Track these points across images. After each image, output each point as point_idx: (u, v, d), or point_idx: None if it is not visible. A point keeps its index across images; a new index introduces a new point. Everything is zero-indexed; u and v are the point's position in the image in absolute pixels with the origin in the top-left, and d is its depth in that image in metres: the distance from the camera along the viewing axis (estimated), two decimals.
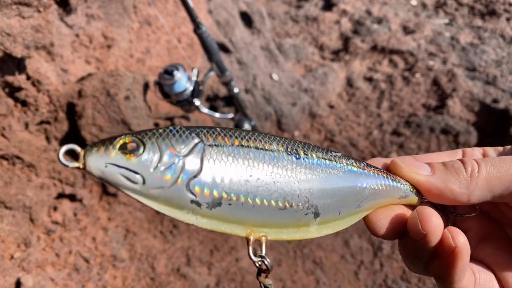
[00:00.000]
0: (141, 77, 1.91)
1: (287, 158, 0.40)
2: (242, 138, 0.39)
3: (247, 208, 0.37)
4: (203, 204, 0.36)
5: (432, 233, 0.40)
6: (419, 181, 0.45)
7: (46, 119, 1.76)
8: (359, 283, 1.89)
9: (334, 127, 2.75)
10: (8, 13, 1.41)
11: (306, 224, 0.41)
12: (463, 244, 0.39)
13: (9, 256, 1.53)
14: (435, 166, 0.45)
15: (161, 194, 0.35)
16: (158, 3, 2.33)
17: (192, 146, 0.37)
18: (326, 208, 0.41)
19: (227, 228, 0.37)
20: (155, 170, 0.35)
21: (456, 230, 0.40)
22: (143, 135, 0.36)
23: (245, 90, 2.65)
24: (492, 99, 2.61)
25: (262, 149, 0.39)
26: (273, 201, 0.38)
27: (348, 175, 0.43)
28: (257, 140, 0.40)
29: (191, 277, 1.76)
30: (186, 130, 0.38)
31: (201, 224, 0.36)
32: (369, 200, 0.44)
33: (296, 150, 0.41)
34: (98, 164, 0.34)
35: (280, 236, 0.40)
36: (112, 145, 0.35)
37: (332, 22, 3.68)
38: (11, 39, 1.44)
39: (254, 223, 0.38)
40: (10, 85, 1.63)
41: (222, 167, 0.37)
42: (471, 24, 3.48)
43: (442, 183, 0.43)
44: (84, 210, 1.79)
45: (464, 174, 0.42)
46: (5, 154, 1.62)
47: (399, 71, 3.10)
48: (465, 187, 0.42)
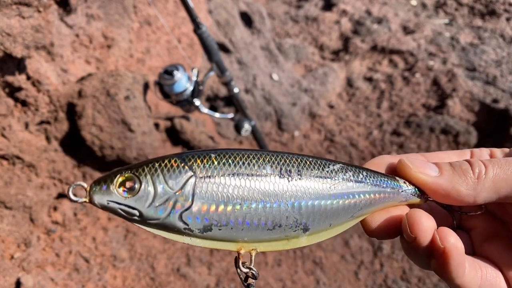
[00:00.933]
0: (141, 77, 1.91)
1: (279, 181, 0.42)
2: (235, 165, 0.41)
3: (236, 231, 0.41)
4: (195, 230, 0.40)
5: (422, 236, 0.41)
6: (427, 182, 0.45)
7: (46, 119, 1.76)
8: (359, 283, 1.89)
9: (334, 127, 2.75)
10: (8, 13, 1.41)
11: (295, 237, 0.43)
12: (453, 244, 0.40)
13: (9, 256, 1.53)
14: (443, 167, 0.45)
15: (156, 224, 0.40)
16: (158, 3, 2.33)
17: (185, 180, 0.40)
18: (315, 224, 0.43)
19: (219, 245, 0.41)
20: (150, 207, 0.40)
21: (445, 231, 0.41)
22: (140, 172, 0.40)
23: (245, 90, 2.65)
24: (492, 99, 2.61)
25: (255, 175, 0.41)
26: (262, 223, 0.41)
27: (342, 191, 0.44)
28: (250, 165, 0.42)
29: (191, 277, 1.76)
30: (181, 162, 0.41)
31: (195, 243, 0.41)
32: (364, 209, 0.45)
33: (290, 171, 0.43)
34: (101, 201, 0.39)
35: (269, 248, 0.43)
36: (112, 184, 0.40)
37: (332, 22, 3.68)
38: (11, 39, 1.44)
39: (244, 241, 0.42)
40: (10, 85, 1.63)
41: (212, 199, 0.40)
42: (471, 24, 3.48)
43: (449, 184, 0.43)
44: (84, 210, 1.79)
45: (471, 176, 0.43)
46: (5, 154, 1.62)
47: (399, 71, 3.10)
48: (472, 189, 0.42)
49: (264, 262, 1.93)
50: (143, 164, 0.41)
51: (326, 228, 0.44)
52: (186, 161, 0.41)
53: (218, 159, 0.41)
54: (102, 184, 0.40)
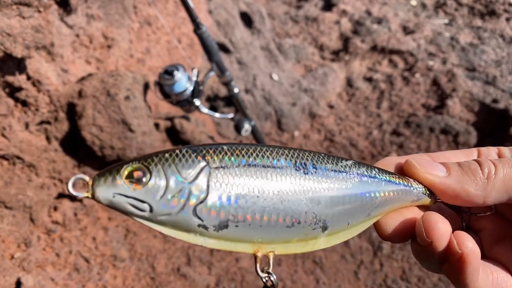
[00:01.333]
0: (141, 77, 1.91)
1: (295, 174, 0.39)
2: (249, 156, 0.39)
3: (254, 228, 0.37)
4: (210, 227, 0.36)
5: (438, 240, 0.39)
6: (434, 182, 0.44)
7: (47, 119, 1.76)
8: (359, 282, 1.90)
9: (334, 127, 2.75)
10: (8, 13, 1.41)
11: (314, 238, 0.41)
12: (471, 249, 0.39)
13: (10, 256, 1.53)
14: (451, 167, 0.44)
15: (168, 220, 0.36)
16: (158, 4, 2.33)
17: (199, 170, 0.37)
18: (334, 221, 0.41)
19: (234, 247, 0.38)
20: (162, 198, 0.35)
21: (463, 236, 0.39)
22: (149, 162, 0.37)
23: (245, 90, 2.65)
24: (492, 99, 2.61)
25: (270, 167, 0.39)
26: (280, 219, 0.38)
27: (358, 186, 0.43)
28: (265, 157, 0.39)
29: (191, 277, 1.76)
30: (193, 152, 0.38)
31: (209, 244, 0.37)
32: (380, 208, 0.44)
33: (305, 164, 0.41)
34: (106, 195, 0.35)
35: (288, 250, 0.40)
36: (118, 174, 0.35)
37: (332, 22, 3.68)
38: (11, 39, 1.44)
39: (261, 241, 0.39)
40: (11, 85, 1.63)
41: (228, 190, 0.37)
42: (471, 24, 3.49)
43: (458, 184, 0.42)
44: (84, 210, 1.79)
45: (480, 176, 0.42)
46: (5, 154, 1.62)
47: (399, 71, 3.10)
48: (482, 189, 0.42)
49: (264, 262, 1.93)
50: (151, 155, 0.37)
51: (344, 228, 0.42)
52: (198, 151, 0.38)
53: (231, 151, 0.39)
54: (106, 176, 0.35)
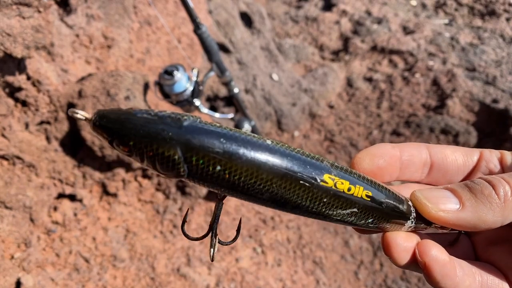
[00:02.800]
0: (141, 77, 1.91)
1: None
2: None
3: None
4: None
5: (397, 257, 0.41)
6: (449, 220, 0.40)
7: (46, 119, 1.76)
8: (359, 283, 1.90)
9: (334, 127, 2.75)
10: (8, 13, 1.41)
11: None
12: (433, 257, 0.39)
13: (9, 256, 1.53)
14: (463, 197, 0.40)
15: None
16: (158, 4, 2.33)
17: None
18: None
19: None
20: None
21: (425, 245, 0.40)
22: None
23: (245, 90, 2.65)
24: (492, 99, 2.61)
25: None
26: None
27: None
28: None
29: (191, 277, 1.76)
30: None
31: None
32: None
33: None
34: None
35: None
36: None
37: (332, 23, 3.68)
38: (11, 39, 1.44)
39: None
40: (10, 85, 1.63)
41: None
42: (471, 24, 3.49)
43: (475, 216, 0.39)
44: (84, 210, 1.79)
45: (496, 201, 0.39)
46: (5, 154, 1.62)
47: (399, 71, 3.10)
48: (500, 215, 0.39)
49: (264, 262, 1.93)
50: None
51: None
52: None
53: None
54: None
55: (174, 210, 1.97)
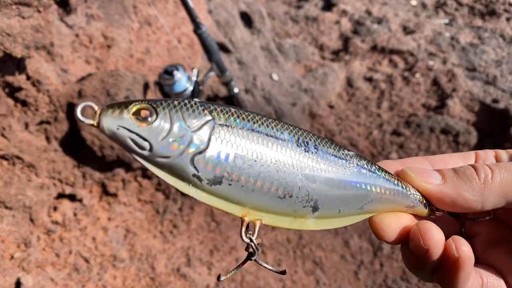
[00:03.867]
0: (141, 77, 1.91)
1: (296, 149, 0.40)
2: (254, 122, 0.39)
3: (246, 191, 0.38)
4: (204, 179, 0.36)
5: (434, 247, 0.40)
6: (431, 190, 0.43)
7: (46, 119, 1.76)
8: (359, 283, 1.89)
9: (334, 127, 2.75)
10: (8, 13, 1.41)
11: (303, 217, 0.41)
12: (467, 253, 0.39)
13: (9, 256, 1.53)
14: (446, 174, 0.43)
15: (166, 163, 0.36)
16: (158, 4, 2.33)
17: (203, 123, 0.37)
18: (326, 204, 0.41)
19: (224, 206, 0.38)
20: (163, 140, 0.36)
21: (459, 240, 0.40)
22: (158, 104, 0.37)
23: (245, 90, 2.65)
24: (492, 99, 2.61)
25: (272, 137, 0.39)
26: (273, 188, 0.38)
27: (356, 175, 0.43)
28: (269, 127, 0.40)
29: (191, 277, 1.76)
30: (201, 106, 0.38)
31: (200, 198, 0.37)
32: (373, 204, 0.44)
33: (307, 142, 0.41)
34: (111, 125, 0.35)
35: (275, 222, 0.40)
36: (126, 109, 0.36)
37: (332, 22, 3.68)
38: (11, 39, 1.44)
39: (251, 206, 0.39)
40: (10, 85, 1.63)
41: (228, 148, 0.37)
42: (471, 24, 3.48)
43: (455, 191, 0.42)
44: (84, 210, 1.79)
45: (477, 181, 0.41)
46: (5, 154, 1.62)
47: (399, 71, 3.10)
48: (479, 194, 0.41)
49: (264, 262, 1.92)
50: (161, 100, 0.38)
51: (334, 214, 0.42)
52: (206, 106, 0.38)
53: (238, 113, 0.39)
54: (115, 108, 0.35)
55: (174, 210, 1.97)
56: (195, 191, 0.37)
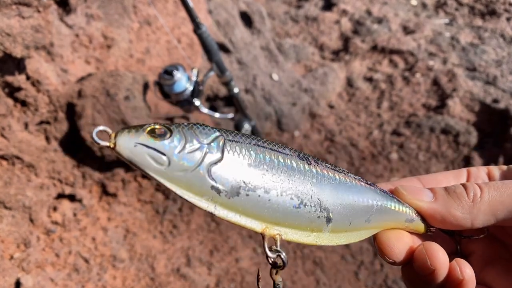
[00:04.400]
0: (141, 77, 1.91)
1: (300, 161, 0.42)
2: (258, 140, 0.42)
3: (263, 202, 0.39)
4: (222, 191, 0.37)
5: (440, 268, 0.40)
6: (422, 208, 0.45)
7: (46, 119, 1.76)
8: (359, 283, 1.89)
9: (334, 127, 2.74)
10: (8, 13, 1.41)
11: (319, 229, 0.42)
12: (470, 276, 0.40)
13: (9, 256, 1.53)
14: (437, 192, 0.45)
15: (184, 178, 0.37)
16: (158, 3, 2.32)
17: (215, 137, 0.39)
18: (337, 215, 0.43)
19: (244, 221, 0.39)
20: (180, 153, 0.37)
21: (463, 263, 0.41)
22: (170, 125, 0.39)
23: (245, 90, 2.65)
24: (492, 99, 2.61)
25: (277, 151, 0.42)
26: (287, 197, 0.40)
27: (357, 187, 0.45)
28: (272, 144, 0.42)
29: (191, 277, 1.76)
30: (209, 126, 0.41)
31: (219, 213, 0.38)
32: (377, 215, 0.45)
33: (308, 158, 0.44)
34: (128, 144, 0.36)
35: (293, 237, 0.42)
36: (142, 129, 0.37)
37: (332, 22, 3.68)
38: (11, 39, 1.44)
39: (269, 219, 0.40)
40: (10, 85, 1.62)
41: (241, 159, 0.39)
42: (471, 24, 3.48)
43: (445, 209, 0.43)
44: (84, 210, 1.79)
45: (466, 200, 0.43)
46: (4, 154, 1.61)
47: (399, 71, 3.10)
48: (468, 212, 0.42)
49: (265, 262, 1.92)
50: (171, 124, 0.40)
51: (346, 227, 0.44)
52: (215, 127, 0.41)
53: (241, 133, 0.42)
54: (130, 129, 0.37)
55: (174, 210, 1.97)
56: (213, 207, 0.37)
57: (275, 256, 0.40)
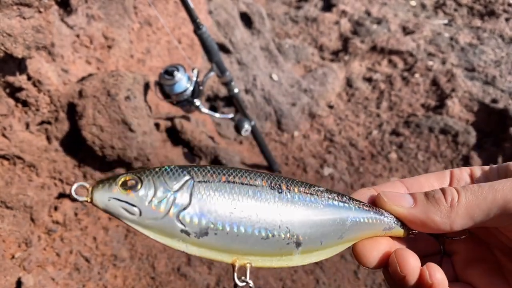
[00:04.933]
0: (141, 78, 1.92)
1: (270, 192, 0.44)
2: (229, 175, 0.44)
3: (231, 237, 0.41)
4: (192, 233, 0.40)
5: (410, 274, 0.42)
6: (402, 213, 0.46)
7: (47, 119, 1.76)
8: (358, 282, 1.90)
9: (334, 127, 2.75)
10: (9, 14, 1.42)
11: (289, 253, 0.44)
12: (440, 280, 0.42)
13: (10, 256, 1.54)
14: (417, 198, 0.46)
15: (155, 224, 0.40)
16: (159, 4, 2.33)
17: (183, 182, 0.42)
18: (307, 238, 0.44)
19: (214, 255, 0.42)
20: (150, 203, 0.40)
21: (433, 267, 0.42)
22: (141, 173, 0.42)
23: (245, 90, 2.66)
24: (491, 99, 2.62)
25: (247, 184, 0.43)
26: (255, 231, 0.42)
27: (329, 208, 0.46)
28: (243, 177, 0.44)
29: (191, 277, 1.77)
30: (179, 168, 0.43)
31: (190, 251, 0.41)
32: (351, 231, 0.47)
33: (279, 185, 0.45)
34: (102, 199, 0.40)
35: (264, 263, 0.44)
36: (114, 182, 0.41)
37: (331, 23, 3.69)
38: (12, 39, 1.45)
39: (239, 251, 0.42)
40: (11, 86, 1.63)
41: (209, 201, 0.41)
42: (470, 24, 3.49)
43: (424, 214, 0.45)
44: (85, 209, 1.79)
45: (444, 204, 0.44)
46: (6, 154, 1.62)
47: (398, 71, 3.11)
48: (446, 217, 0.43)
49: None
50: (144, 169, 0.43)
51: (317, 247, 0.45)
52: (184, 168, 0.43)
53: (213, 169, 0.44)
54: (104, 183, 0.40)
55: None
56: (185, 246, 0.40)
57: (243, 285, 0.43)
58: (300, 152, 2.58)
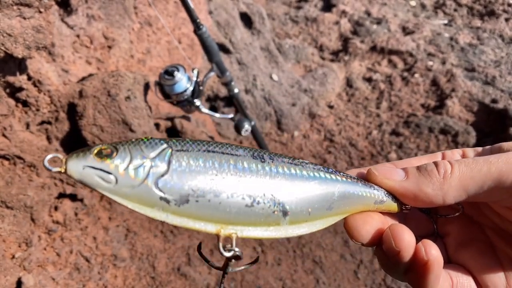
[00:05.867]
0: (141, 78, 1.92)
1: (252, 160, 0.42)
2: (209, 145, 0.42)
3: (214, 205, 0.39)
4: (171, 201, 0.38)
5: (405, 249, 0.41)
6: (393, 187, 0.45)
7: (47, 119, 1.77)
8: (358, 282, 1.90)
9: (334, 127, 2.76)
10: (9, 14, 1.42)
11: (276, 223, 0.42)
12: (435, 257, 0.40)
13: (10, 256, 1.54)
14: (409, 171, 0.45)
15: (132, 193, 0.38)
16: (159, 4, 2.34)
17: (160, 150, 0.40)
18: (293, 207, 0.42)
19: (198, 225, 0.39)
20: (126, 170, 0.38)
21: (429, 243, 0.41)
22: (117, 143, 0.41)
23: (245, 90, 2.66)
24: (491, 99, 2.62)
25: (228, 154, 0.42)
26: (239, 198, 0.40)
27: (315, 179, 0.45)
28: (224, 147, 0.43)
29: (191, 276, 1.77)
30: (157, 139, 0.42)
31: (171, 221, 0.39)
32: (340, 203, 0.45)
33: (262, 155, 0.44)
34: (77, 168, 0.38)
35: (250, 233, 0.41)
36: (89, 151, 0.39)
37: (331, 23, 3.69)
38: (12, 39, 1.45)
39: (223, 220, 0.40)
40: (11, 86, 1.63)
41: (188, 167, 0.40)
42: (470, 24, 3.50)
43: (416, 186, 0.44)
44: (85, 209, 1.80)
45: (437, 176, 0.43)
46: (6, 154, 1.62)
47: (398, 71, 3.11)
48: (439, 189, 0.42)
49: (264, 261, 1.93)
50: (120, 141, 0.42)
51: (306, 217, 0.43)
52: (162, 139, 0.42)
53: (192, 141, 0.43)
54: (78, 153, 0.39)
55: None
56: (165, 215, 0.38)
57: (231, 254, 0.41)
58: (300, 152, 2.58)
